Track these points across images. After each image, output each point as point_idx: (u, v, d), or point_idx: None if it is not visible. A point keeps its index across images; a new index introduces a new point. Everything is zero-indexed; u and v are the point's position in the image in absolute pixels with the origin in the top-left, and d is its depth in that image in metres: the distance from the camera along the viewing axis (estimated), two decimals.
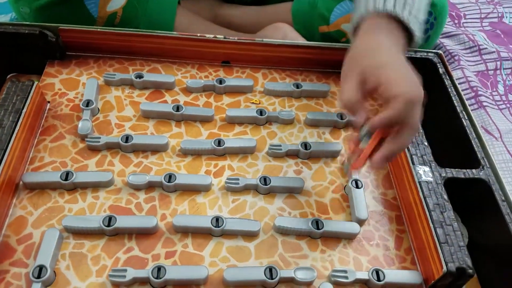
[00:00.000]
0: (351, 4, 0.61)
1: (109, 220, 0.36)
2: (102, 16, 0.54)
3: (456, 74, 0.59)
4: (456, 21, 0.70)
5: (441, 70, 0.50)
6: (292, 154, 0.44)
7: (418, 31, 0.39)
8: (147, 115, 0.45)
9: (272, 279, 0.34)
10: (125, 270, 0.34)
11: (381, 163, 0.34)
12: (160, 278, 0.33)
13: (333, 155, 0.45)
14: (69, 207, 0.38)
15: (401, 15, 0.37)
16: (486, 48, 0.62)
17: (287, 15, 0.63)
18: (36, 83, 0.42)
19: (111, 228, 0.35)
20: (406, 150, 0.42)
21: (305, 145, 0.44)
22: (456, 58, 0.60)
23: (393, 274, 0.36)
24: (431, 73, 0.51)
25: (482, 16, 0.71)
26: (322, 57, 0.52)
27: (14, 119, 0.39)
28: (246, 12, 0.66)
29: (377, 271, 0.36)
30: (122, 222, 0.36)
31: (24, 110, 0.40)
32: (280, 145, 0.44)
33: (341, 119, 0.47)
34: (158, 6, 0.57)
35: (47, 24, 0.47)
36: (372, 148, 0.34)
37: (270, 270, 0.35)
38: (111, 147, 0.42)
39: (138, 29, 0.48)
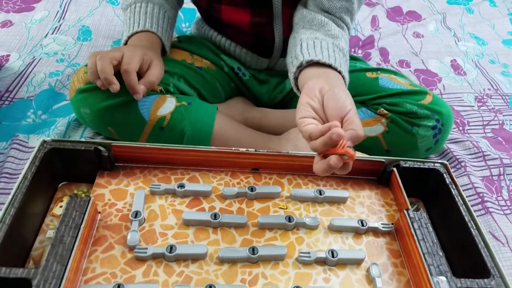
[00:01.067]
0: (366, 110, 0.69)
1: None
2: (153, 119, 0.62)
3: (463, 180, 0.64)
4: (461, 128, 0.78)
5: (447, 180, 0.55)
6: (320, 261, 0.48)
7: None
8: (188, 223, 0.50)
9: None
10: None
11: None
12: None
13: (358, 262, 0.48)
14: None
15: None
16: (489, 154, 0.69)
17: None
18: (92, 199, 0.47)
19: None
20: (423, 259, 0.46)
21: (332, 253, 0.48)
22: (462, 164, 0.66)
23: None
24: (438, 183, 0.56)
25: (484, 123, 0.79)
26: None
27: (74, 234, 0.44)
28: (273, 116, 0.74)
29: None
30: None
31: (82, 226, 0.45)
32: (309, 253, 0.48)
33: (362, 225, 0.52)
34: (201, 113, 0.65)
35: (101, 141, 0.53)
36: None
37: None
38: (156, 257, 0.46)
39: (180, 145, 0.55)
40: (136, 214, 0.49)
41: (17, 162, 0.62)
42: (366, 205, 0.56)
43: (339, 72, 0.54)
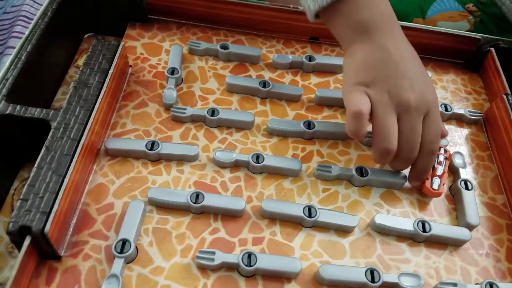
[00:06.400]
0: (453, 2, 0.55)
1: (197, 196, 0.33)
2: None
3: None
4: None
5: None
6: None
7: None
8: (232, 89, 0.42)
9: (374, 282, 0.31)
10: (214, 253, 0.31)
11: None
12: (251, 266, 0.30)
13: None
14: (153, 179, 0.35)
15: None
16: None
17: None
18: (122, 43, 0.39)
19: (198, 206, 0.33)
20: None
21: None
22: None
23: None
24: None
25: None
26: (423, 40, 0.46)
27: (100, 79, 0.37)
28: None
29: (491, 285, 0.31)
30: (209, 200, 0.33)
31: (111, 71, 0.37)
32: None
33: (446, 110, 0.42)
34: None
35: None
36: None
37: (372, 273, 0.31)
38: (196, 120, 0.39)
39: None
40: (173, 71, 0.41)
41: (36, 6, 0.54)
42: (450, 91, 0.46)
43: None
